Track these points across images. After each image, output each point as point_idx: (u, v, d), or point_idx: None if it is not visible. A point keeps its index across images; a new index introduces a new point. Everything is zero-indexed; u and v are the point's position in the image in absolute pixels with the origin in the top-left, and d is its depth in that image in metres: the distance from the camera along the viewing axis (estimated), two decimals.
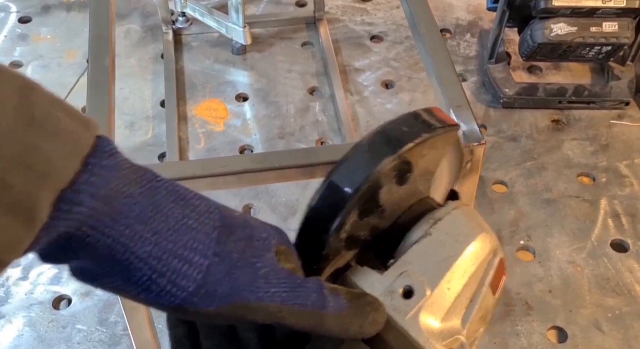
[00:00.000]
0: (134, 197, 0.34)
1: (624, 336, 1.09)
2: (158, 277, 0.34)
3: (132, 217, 0.33)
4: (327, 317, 0.37)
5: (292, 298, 0.36)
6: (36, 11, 1.65)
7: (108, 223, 0.33)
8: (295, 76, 1.50)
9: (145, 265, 0.34)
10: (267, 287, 0.36)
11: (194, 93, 1.47)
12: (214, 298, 0.35)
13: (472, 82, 1.50)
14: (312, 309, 0.37)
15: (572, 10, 1.32)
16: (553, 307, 1.13)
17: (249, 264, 0.36)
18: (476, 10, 1.65)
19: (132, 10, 1.65)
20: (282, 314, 0.36)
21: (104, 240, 0.33)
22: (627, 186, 1.30)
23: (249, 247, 0.37)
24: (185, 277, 0.34)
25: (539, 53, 1.38)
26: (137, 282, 0.34)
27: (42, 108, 0.30)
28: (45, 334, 1.09)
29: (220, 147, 1.37)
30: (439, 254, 0.40)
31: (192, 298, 0.34)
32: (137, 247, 0.33)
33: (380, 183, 0.40)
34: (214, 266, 0.35)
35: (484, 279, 0.40)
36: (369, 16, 1.65)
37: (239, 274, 0.35)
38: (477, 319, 0.40)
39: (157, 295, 0.34)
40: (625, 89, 1.44)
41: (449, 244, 0.40)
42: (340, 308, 0.37)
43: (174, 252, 0.34)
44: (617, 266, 1.18)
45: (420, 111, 0.42)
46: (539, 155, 1.36)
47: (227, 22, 1.45)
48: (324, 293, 0.37)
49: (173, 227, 0.34)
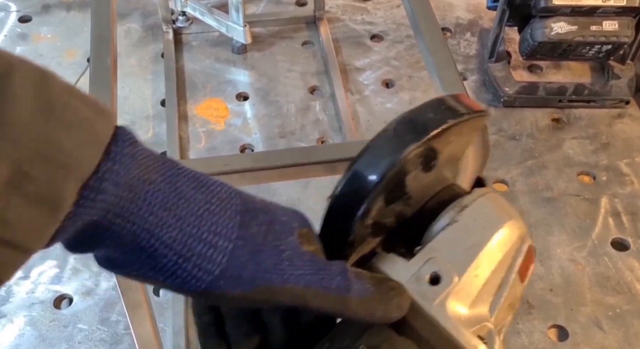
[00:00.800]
0: (157, 184, 0.34)
1: (625, 334, 1.09)
2: (184, 262, 0.34)
3: (156, 204, 0.34)
4: (352, 301, 0.37)
5: (316, 281, 0.36)
6: (36, 10, 1.65)
7: (132, 210, 0.33)
8: (296, 75, 1.50)
9: (171, 251, 0.34)
10: (291, 269, 0.36)
11: (195, 92, 1.47)
12: (239, 281, 0.35)
13: (473, 81, 1.50)
14: (336, 292, 0.36)
15: (572, 9, 1.32)
16: (554, 305, 1.13)
17: (272, 247, 0.36)
18: (476, 9, 1.65)
19: (132, 10, 1.65)
20: (307, 297, 0.36)
21: (129, 227, 0.33)
22: (628, 185, 1.30)
23: (272, 230, 0.37)
24: (210, 261, 0.34)
25: (539, 52, 1.38)
26: (163, 268, 0.34)
27: (60, 99, 0.31)
28: (47, 334, 1.09)
29: (220, 146, 1.37)
30: (466, 241, 0.40)
31: (219, 282, 0.35)
32: (162, 233, 0.34)
33: (406, 170, 0.39)
34: (238, 250, 0.35)
35: (512, 267, 0.40)
36: (370, 15, 1.65)
37: (263, 257, 0.36)
38: (505, 306, 0.40)
39: (183, 280, 0.34)
40: (626, 87, 1.44)
41: (477, 231, 0.40)
42: (364, 291, 0.37)
43: (199, 237, 0.34)
44: (618, 264, 1.18)
45: (447, 97, 0.42)
46: (539, 154, 1.36)
47: (228, 21, 1.45)
48: (348, 276, 0.37)
49: (196, 213, 0.35)
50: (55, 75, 0.31)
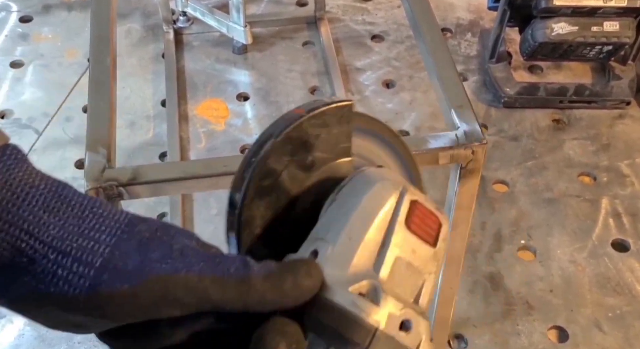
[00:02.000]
0: (39, 189, 0.33)
1: (625, 336, 1.09)
2: (63, 258, 0.32)
3: (36, 205, 0.32)
4: (255, 280, 0.34)
5: (212, 267, 0.33)
6: (37, 11, 1.65)
7: (10, 210, 0.32)
8: (296, 76, 1.50)
9: (50, 249, 0.32)
10: (183, 259, 0.33)
11: (195, 93, 1.47)
12: (125, 274, 0.32)
13: (473, 81, 1.50)
14: (236, 275, 0.33)
15: (573, 10, 1.32)
16: (554, 306, 1.13)
17: (161, 242, 0.34)
18: (477, 10, 1.65)
19: (133, 10, 1.65)
20: (205, 284, 0.33)
21: (7, 228, 0.32)
22: (628, 186, 1.30)
23: (163, 230, 0.35)
24: (91, 253, 0.32)
25: (540, 52, 1.38)
26: (44, 271, 0.32)
27: None
28: (46, 334, 1.09)
29: (221, 146, 1.37)
30: (340, 214, 0.39)
31: (102, 276, 0.32)
32: (41, 233, 0.32)
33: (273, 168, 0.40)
34: (122, 242, 0.33)
35: (393, 221, 0.38)
36: (370, 16, 1.65)
37: (150, 249, 0.33)
38: (403, 267, 0.38)
39: (65, 281, 0.32)
40: (626, 88, 1.43)
41: (349, 201, 0.39)
42: (268, 268, 0.34)
43: (79, 233, 0.33)
44: (618, 265, 1.18)
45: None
46: (540, 154, 1.36)
47: (228, 22, 1.45)
48: (247, 262, 0.34)
49: (80, 215, 0.33)
50: None
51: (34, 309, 0.33)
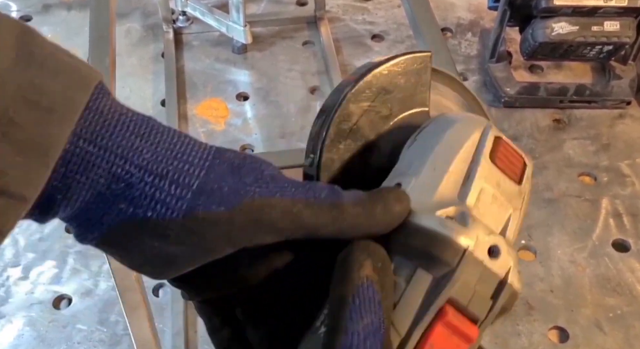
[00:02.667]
0: (129, 116, 0.33)
1: (625, 336, 1.09)
2: (160, 181, 0.32)
3: (128, 131, 0.33)
4: (346, 205, 0.34)
5: (303, 192, 0.34)
6: (36, 10, 1.65)
7: (104, 135, 0.32)
8: (296, 75, 1.50)
9: (146, 172, 0.32)
10: (275, 184, 0.34)
11: (195, 92, 1.47)
12: (222, 197, 0.33)
13: (473, 81, 1.49)
14: (328, 200, 0.34)
15: (573, 10, 1.32)
16: (554, 307, 1.12)
17: (253, 168, 0.35)
18: (477, 10, 1.65)
19: (132, 10, 1.65)
20: (298, 208, 0.33)
21: (102, 155, 0.32)
22: (629, 186, 1.30)
23: (251, 158, 0.36)
24: (187, 175, 0.33)
25: (540, 52, 1.38)
26: (141, 196, 0.32)
27: (43, 49, 0.31)
28: (46, 334, 1.09)
29: (221, 146, 1.36)
30: (422, 150, 0.39)
31: (199, 198, 0.33)
32: (135, 157, 0.32)
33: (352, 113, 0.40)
34: (216, 166, 0.34)
35: (477, 154, 0.38)
36: (370, 15, 1.64)
37: (243, 172, 0.34)
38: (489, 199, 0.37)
39: (162, 204, 0.32)
40: (627, 88, 1.43)
41: (431, 139, 0.39)
42: (357, 195, 0.35)
43: (173, 157, 0.33)
44: (619, 265, 1.18)
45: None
46: (540, 154, 1.35)
47: (228, 21, 1.44)
48: (337, 189, 0.35)
49: (170, 141, 0.34)
50: (38, 32, 0.31)
51: (129, 240, 0.33)
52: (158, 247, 0.34)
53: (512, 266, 0.35)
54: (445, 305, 0.34)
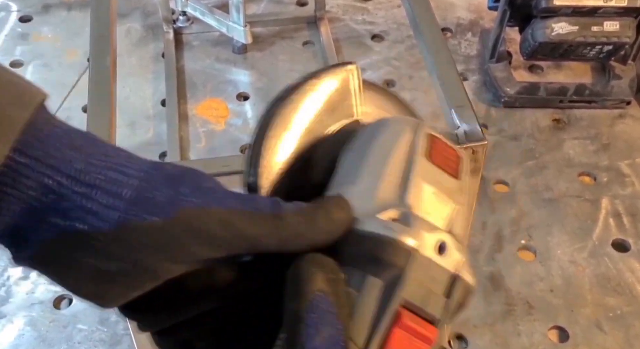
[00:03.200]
0: (63, 130, 0.32)
1: (625, 336, 1.09)
2: (91, 190, 0.31)
3: (62, 143, 0.32)
4: (287, 215, 0.33)
5: (243, 204, 0.33)
6: (37, 10, 1.65)
7: (35, 145, 0.31)
8: (296, 75, 1.49)
9: (77, 183, 0.31)
10: (213, 194, 0.33)
11: (195, 92, 1.47)
12: (156, 206, 0.32)
13: (473, 81, 1.50)
14: (268, 210, 0.33)
15: (573, 10, 1.32)
16: (554, 306, 1.13)
17: (191, 179, 0.33)
18: (477, 10, 1.65)
19: (133, 10, 1.65)
20: (236, 219, 0.32)
21: (34, 166, 0.31)
22: (629, 186, 1.30)
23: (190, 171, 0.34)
24: (120, 185, 0.32)
25: (540, 52, 1.38)
26: (72, 207, 0.31)
27: None
28: (46, 334, 1.09)
29: (221, 146, 1.36)
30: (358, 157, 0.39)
31: (132, 207, 0.31)
32: (67, 168, 0.31)
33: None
34: (151, 176, 0.32)
35: (412, 154, 0.38)
36: (370, 15, 1.64)
37: (180, 184, 0.33)
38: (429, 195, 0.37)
39: (94, 215, 0.31)
40: (627, 88, 1.43)
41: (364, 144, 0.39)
42: (298, 206, 0.34)
43: (107, 167, 0.32)
44: (618, 265, 1.18)
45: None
46: (540, 154, 1.36)
47: (228, 21, 1.44)
48: (278, 201, 0.34)
49: (105, 153, 0.32)
50: None
51: (63, 257, 0.32)
52: (94, 264, 0.32)
53: (463, 261, 0.35)
54: (400, 309, 0.33)
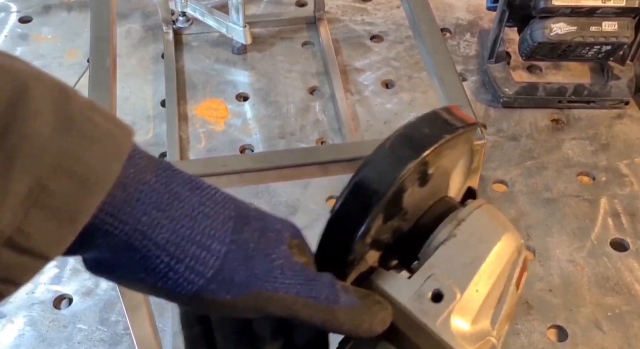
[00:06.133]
0: (150, 185, 0.34)
1: (624, 335, 1.09)
2: (176, 263, 0.34)
3: (149, 204, 0.33)
4: (339, 312, 0.37)
5: (306, 291, 0.36)
6: (37, 11, 1.65)
7: (125, 210, 0.33)
8: (296, 76, 1.51)
9: (163, 252, 0.33)
10: (282, 278, 0.36)
11: (195, 93, 1.47)
12: (231, 286, 0.35)
13: (472, 81, 1.50)
14: (325, 303, 0.37)
15: (571, 10, 1.32)
16: (553, 306, 1.13)
17: (264, 255, 0.36)
18: (476, 10, 1.65)
19: (132, 10, 1.65)
20: (297, 306, 0.36)
21: (122, 227, 0.33)
22: (627, 186, 1.30)
23: (264, 238, 0.37)
24: (203, 263, 0.34)
25: (538, 52, 1.38)
26: (155, 270, 0.34)
27: (80, 113, 0.31)
28: (46, 334, 1.09)
29: (220, 146, 1.37)
30: (465, 256, 0.40)
31: (210, 285, 0.34)
32: (154, 234, 0.33)
33: (405, 187, 0.40)
34: (231, 254, 0.35)
35: (510, 279, 0.40)
36: (369, 16, 1.65)
37: (255, 264, 0.36)
38: (504, 318, 0.40)
39: (174, 283, 0.34)
40: (625, 88, 1.44)
41: (475, 245, 0.40)
42: (351, 303, 0.38)
43: (192, 239, 0.34)
44: (617, 265, 1.18)
45: (440, 110, 0.42)
46: (539, 154, 1.36)
47: (228, 22, 1.45)
48: (336, 288, 0.38)
49: (190, 215, 0.34)
50: (75, 90, 0.31)
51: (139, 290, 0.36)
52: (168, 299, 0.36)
53: None
54: None
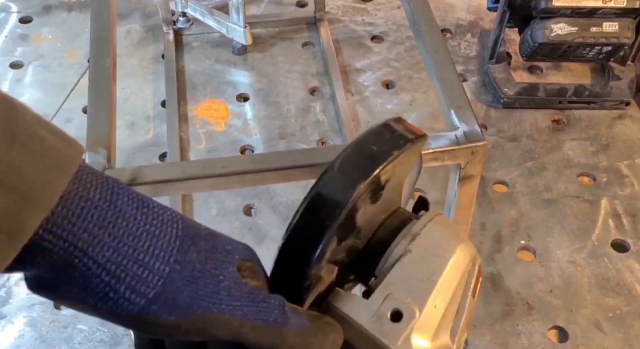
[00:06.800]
0: (94, 201, 0.33)
1: (625, 336, 1.09)
2: (116, 283, 0.33)
3: (91, 221, 0.32)
4: (289, 334, 0.36)
5: (254, 313, 0.35)
6: (37, 11, 1.65)
7: (65, 227, 0.32)
8: (296, 76, 1.50)
9: (104, 271, 0.32)
10: (229, 300, 0.35)
11: (195, 93, 1.47)
12: (174, 308, 0.33)
13: (473, 82, 1.50)
14: (274, 325, 0.36)
15: (572, 11, 1.32)
16: (554, 307, 1.13)
17: (210, 276, 0.35)
18: (477, 11, 1.65)
19: (133, 11, 1.65)
20: (244, 329, 0.35)
21: (61, 244, 0.32)
22: (628, 186, 1.30)
23: (212, 259, 0.36)
24: (144, 283, 0.33)
25: (539, 53, 1.38)
26: (95, 289, 0.33)
27: (26, 127, 0.30)
28: (47, 334, 1.09)
29: (221, 147, 1.37)
30: (421, 272, 0.39)
31: (151, 306, 0.33)
32: (95, 252, 0.32)
33: (357, 208, 0.39)
34: (175, 274, 0.34)
35: (467, 290, 0.40)
36: (370, 16, 1.65)
37: (200, 285, 0.34)
38: (463, 327, 0.40)
39: (115, 303, 0.33)
40: (626, 89, 1.44)
41: (431, 260, 0.40)
42: (301, 325, 0.37)
43: (134, 258, 0.33)
44: (618, 266, 1.18)
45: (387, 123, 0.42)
46: (539, 155, 1.36)
47: (228, 23, 1.45)
48: (285, 310, 0.37)
49: (134, 233, 0.33)
50: (24, 106, 0.30)
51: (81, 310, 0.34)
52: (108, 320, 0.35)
53: None
54: None
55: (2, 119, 0.29)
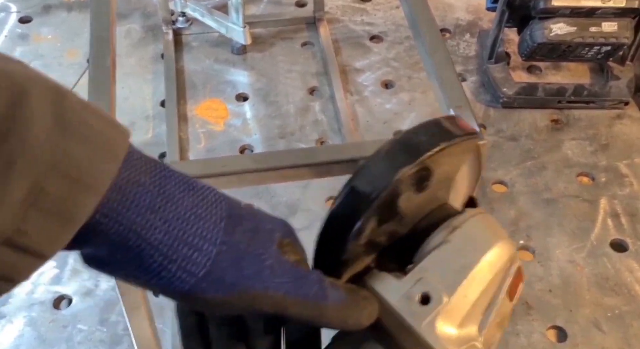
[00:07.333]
0: (145, 186, 0.35)
1: (624, 335, 1.09)
2: (169, 263, 0.35)
3: (143, 206, 0.34)
4: (328, 308, 0.38)
5: (295, 289, 0.38)
6: (37, 11, 1.65)
7: (120, 211, 0.34)
8: (296, 76, 1.51)
9: (157, 252, 0.35)
10: (272, 277, 0.37)
11: (194, 93, 1.47)
12: (221, 285, 0.36)
13: (472, 82, 1.50)
14: (314, 299, 0.38)
15: (571, 10, 1.32)
16: (553, 306, 1.13)
17: (254, 255, 0.37)
18: (476, 11, 1.65)
19: (132, 11, 1.65)
20: (286, 304, 0.37)
21: (117, 228, 0.34)
22: (627, 186, 1.30)
23: (255, 238, 0.38)
24: (194, 263, 0.35)
25: (538, 53, 1.38)
26: (148, 268, 0.35)
27: (75, 115, 0.31)
28: (46, 334, 1.09)
29: (220, 147, 1.37)
30: (456, 262, 0.40)
31: (201, 284, 0.36)
32: (148, 235, 0.34)
33: (399, 191, 0.41)
34: (222, 254, 0.36)
35: (501, 287, 0.41)
36: (369, 16, 1.65)
37: (245, 264, 0.37)
38: (494, 325, 0.40)
39: (167, 281, 0.35)
40: (625, 88, 1.44)
41: (467, 252, 0.41)
42: (339, 299, 0.39)
43: (184, 240, 0.35)
44: (617, 265, 1.18)
45: (441, 118, 0.43)
46: (538, 155, 1.36)
47: (227, 22, 1.45)
48: (324, 285, 0.39)
49: (183, 216, 0.36)
50: (71, 92, 0.32)
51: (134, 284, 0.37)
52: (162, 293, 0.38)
53: None
54: None
55: (54, 106, 0.30)
